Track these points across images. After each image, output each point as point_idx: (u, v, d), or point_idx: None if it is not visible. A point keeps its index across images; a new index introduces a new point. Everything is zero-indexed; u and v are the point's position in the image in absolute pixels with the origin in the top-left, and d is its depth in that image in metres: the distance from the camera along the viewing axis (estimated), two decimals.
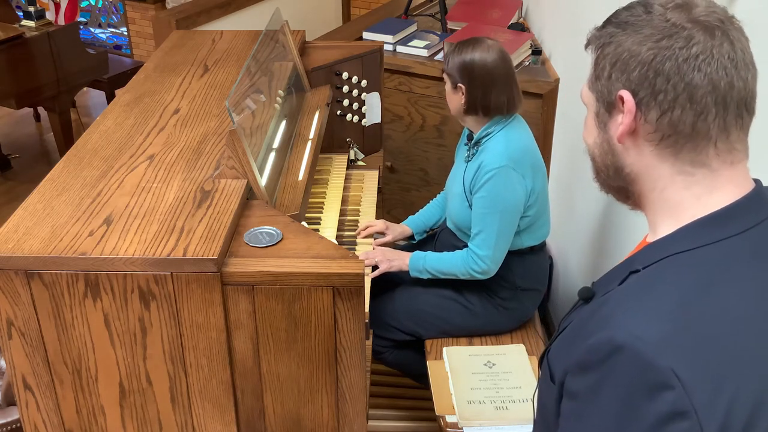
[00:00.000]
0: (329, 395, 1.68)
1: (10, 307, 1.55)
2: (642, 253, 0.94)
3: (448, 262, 2.21)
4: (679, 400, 0.78)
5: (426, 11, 3.76)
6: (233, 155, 1.78)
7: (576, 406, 0.89)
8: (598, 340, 0.85)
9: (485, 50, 2.13)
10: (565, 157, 2.79)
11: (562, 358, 0.94)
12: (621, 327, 0.83)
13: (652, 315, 0.84)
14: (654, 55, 0.89)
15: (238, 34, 2.73)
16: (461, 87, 2.15)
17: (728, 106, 0.88)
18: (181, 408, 1.67)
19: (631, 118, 0.92)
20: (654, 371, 0.79)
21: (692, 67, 0.87)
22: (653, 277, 0.89)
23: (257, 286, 1.55)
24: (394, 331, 2.35)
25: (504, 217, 2.12)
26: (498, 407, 2.04)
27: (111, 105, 2.21)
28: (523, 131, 2.20)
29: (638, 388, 0.80)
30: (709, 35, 0.88)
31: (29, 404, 1.66)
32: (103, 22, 6.18)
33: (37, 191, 1.74)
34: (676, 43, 0.88)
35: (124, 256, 1.51)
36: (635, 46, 0.90)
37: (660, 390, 0.79)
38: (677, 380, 0.78)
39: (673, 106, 0.89)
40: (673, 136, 0.90)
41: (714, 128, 0.89)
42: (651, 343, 0.80)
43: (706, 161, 0.91)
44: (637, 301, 0.86)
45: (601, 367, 0.84)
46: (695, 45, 0.87)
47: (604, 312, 0.89)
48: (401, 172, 3.40)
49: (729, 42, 0.88)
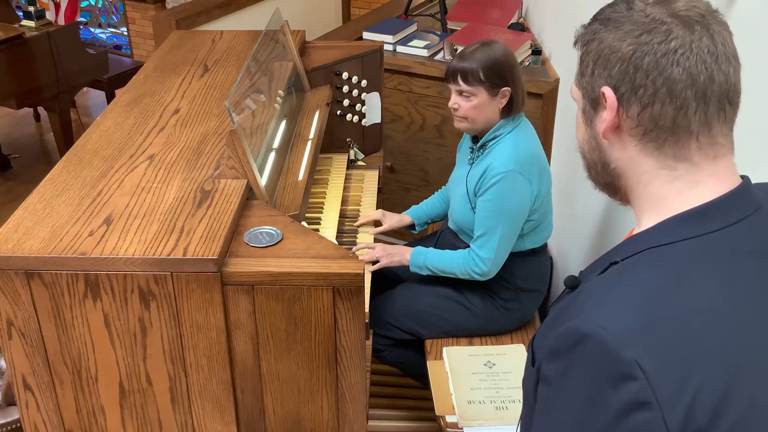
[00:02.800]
0: (329, 395, 1.68)
1: (10, 307, 1.55)
2: (623, 245, 0.96)
3: (449, 260, 2.21)
4: (641, 392, 0.79)
5: (426, 11, 3.76)
6: (233, 155, 1.78)
7: (547, 390, 0.91)
8: (567, 328, 0.86)
9: (497, 44, 2.13)
10: (565, 158, 2.79)
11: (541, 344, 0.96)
12: (589, 317, 0.85)
13: (620, 306, 0.85)
14: (633, 51, 0.90)
15: (238, 34, 2.73)
16: (505, 90, 2.10)
17: (709, 100, 0.89)
18: (181, 408, 1.67)
19: (613, 114, 0.93)
20: (618, 362, 0.80)
21: (671, 62, 0.88)
22: (628, 269, 0.90)
23: (257, 286, 1.55)
24: (394, 329, 2.35)
25: (508, 221, 2.11)
26: (498, 407, 2.04)
27: (111, 105, 2.21)
28: (530, 135, 2.20)
29: (603, 377, 0.82)
30: (689, 29, 0.88)
31: (29, 404, 1.66)
32: (103, 22, 6.18)
33: (37, 191, 1.74)
34: (655, 38, 0.89)
35: (124, 256, 1.51)
36: (616, 42, 0.91)
37: (623, 380, 0.80)
38: (640, 371, 0.79)
39: (653, 101, 0.90)
40: (654, 130, 0.91)
41: (695, 122, 0.89)
42: (616, 334, 0.81)
43: (688, 155, 0.91)
44: (607, 292, 0.88)
45: (568, 355, 0.86)
46: (674, 39, 0.88)
47: (578, 301, 0.91)
48: (401, 172, 3.40)
49: (709, 36, 0.88)
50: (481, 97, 2.12)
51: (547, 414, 0.91)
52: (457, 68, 2.13)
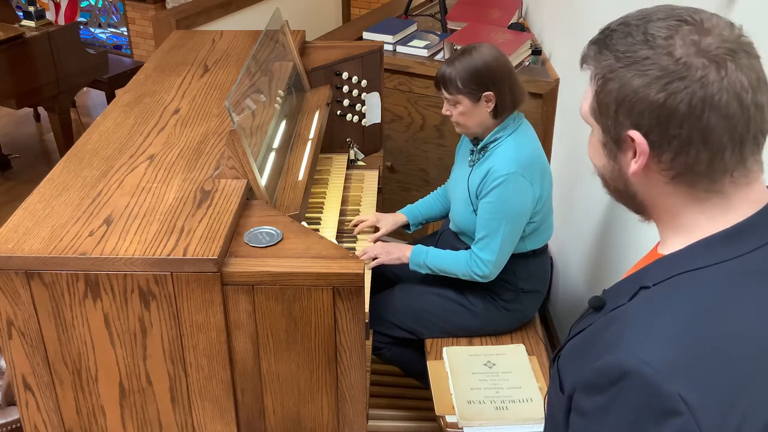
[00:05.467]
0: (329, 395, 1.68)
1: (10, 307, 1.55)
2: (653, 268, 0.93)
3: (451, 261, 2.21)
4: (686, 426, 0.78)
5: (426, 11, 3.76)
6: (233, 155, 1.78)
7: (585, 423, 0.89)
8: (606, 363, 0.84)
9: (480, 49, 2.12)
10: (565, 158, 2.79)
11: (572, 371, 0.94)
12: (629, 351, 0.83)
13: (659, 339, 0.83)
14: (665, 99, 0.84)
15: (238, 34, 2.73)
16: (488, 95, 2.09)
17: (745, 140, 0.85)
18: (181, 408, 1.67)
19: (644, 159, 0.89)
20: (661, 397, 0.79)
21: (707, 108, 0.83)
22: (663, 296, 0.88)
23: (257, 286, 1.55)
24: (394, 328, 2.35)
25: (510, 223, 2.11)
26: (498, 407, 2.04)
27: (111, 105, 2.21)
28: (531, 136, 2.19)
29: (646, 413, 0.80)
30: (723, 69, 0.83)
31: (29, 404, 1.66)
32: (103, 22, 6.18)
33: (37, 191, 1.74)
34: (690, 87, 0.83)
35: (124, 256, 1.51)
36: (643, 89, 0.85)
37: (668, 416, 0.79)
38: (684, 405, 0.78)
39: (688, 149, 0.85)
40: (687, 174, 0.88)
41: (731, 162, 0.86)
42: (659, 369, 0.80)
43: (721, 189, 0.88)
44: (645, 324, 0.85)
45: (609, 391, 0.84)
46: (708, 85, 0.82)
47: (613, 331, 0.88)
48: (401, 172, 3.40)
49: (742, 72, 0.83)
50: (465, 104, 2.13)
51: None
52: (437, 78, 2.16)
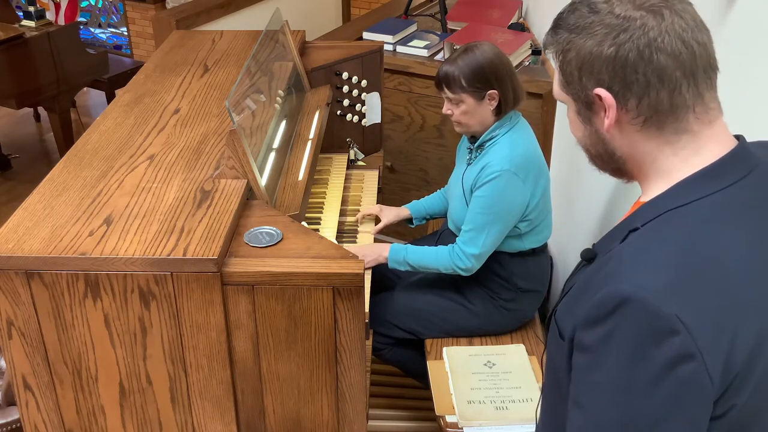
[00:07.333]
0: (329, 395, 1.68)
1: (10, 307, 1.55)
2: (639, 212, 0.99)
3: (432, 257, 2.19)
4: (684, 344, 0.84)
5: (426, 11, 3.76)
6: (233, 155, 1.78)
7: (588, 357, 0.93)
8: (605, 294, 0.89)
9: (482, 47, 2.12)
10: (565, 157, 2.79)
11: (570, 316, 0.99)
12: (626, 280, 0.88)
13: (654, 266, 0.89)
14: (616, 51, 0.94)
15: (238, 34, 2.73)
16: (492, 93, 2.09)
17: (696, 73, 0.94)
18: (181, 408, 1.67)
19: (614, 112, 0.97)
20: (661, 318, 0.84)
21: (654, 51, 0.93)
22: (652, 232, 0.94)
23: (257, 286, 1.56)
24: (394, 329, 2.35)
25: (497, 220, 2.11)
26: (498, 407, 2.04)
27: (111, 105, 2.21)
28: (527, 135, 2.19)
29: (646, 335, 0.85)
30: (659, 16, 0.93)
31: (29, 404, 1.66)
32: (103, 22, 6.18)
33: (37, 191, 1.74)
34: (633, 34, 0.93)
35: (124, 256, 1.51)
36: (596, 48, 0.96)
37: (667, 336, 0.84)
38: (682, 325, 0.84)
39: (648, 91, 0.95)
40: (654, 116, 0.96)
41: (689, 97, 0.95)
42: (656, 293, 0.86)
43: (687, 127, 0.97)
44: (639, 255, 0.92)
45: (610, 319, 0.88)
46: (650, 30, 0.93)
47: (608, 268, 0.94)
48: (401, 172, 3.40)
49: (678, 16, 0.94)
50: (468, 103, 2.12)
51: (589, 380, 0.93)
52: (440, 77, 2.15)
